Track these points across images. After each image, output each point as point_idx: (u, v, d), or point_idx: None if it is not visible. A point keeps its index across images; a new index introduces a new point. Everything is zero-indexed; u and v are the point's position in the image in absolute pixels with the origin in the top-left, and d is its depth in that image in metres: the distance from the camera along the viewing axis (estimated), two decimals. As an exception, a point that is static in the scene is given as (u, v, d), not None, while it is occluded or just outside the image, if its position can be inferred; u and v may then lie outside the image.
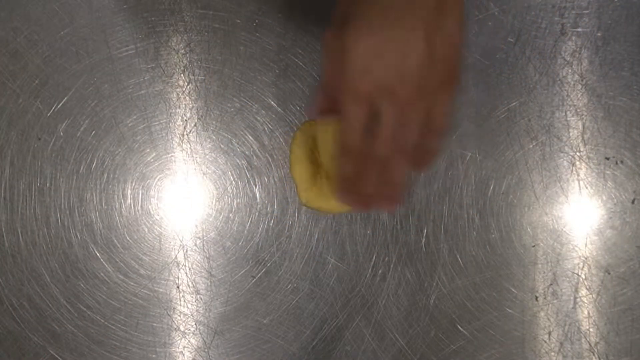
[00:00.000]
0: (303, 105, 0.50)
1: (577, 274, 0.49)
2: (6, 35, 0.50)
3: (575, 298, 0.49)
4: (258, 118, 0.50)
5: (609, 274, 0.49)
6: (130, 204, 0.50)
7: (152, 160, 0.49)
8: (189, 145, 0.50)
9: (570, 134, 0.50)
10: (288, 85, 0.50)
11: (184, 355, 0.49)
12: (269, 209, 0.50)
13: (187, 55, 0.50)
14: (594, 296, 0.49)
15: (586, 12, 0.50)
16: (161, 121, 0.50)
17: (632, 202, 0.50)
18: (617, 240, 0.49)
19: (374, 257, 0.49)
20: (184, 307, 0.49)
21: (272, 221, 0.50)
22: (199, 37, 0.50)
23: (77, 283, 0.49)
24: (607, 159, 0.50)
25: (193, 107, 0.50)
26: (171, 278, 0.49)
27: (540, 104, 0.50)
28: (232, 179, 0.50)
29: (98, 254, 0.49)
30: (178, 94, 0.50)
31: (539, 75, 0.50)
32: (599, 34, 0.50)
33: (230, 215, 0.50)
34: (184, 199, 0.50)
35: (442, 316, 0.49)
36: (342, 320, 0.49)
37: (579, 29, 0.50)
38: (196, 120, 0.50)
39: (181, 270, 0.49)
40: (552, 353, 0.49)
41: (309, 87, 0.50)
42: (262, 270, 0.49)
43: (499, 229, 0.49)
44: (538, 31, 0.50)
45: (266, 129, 0.50)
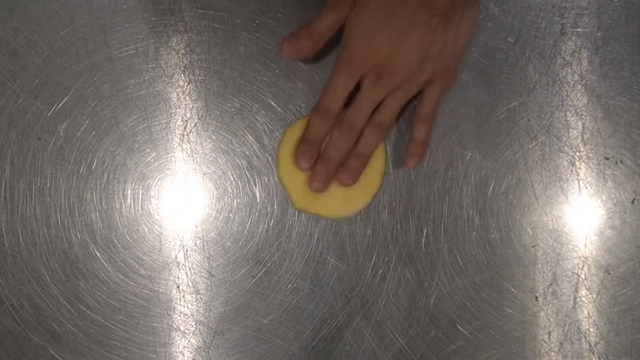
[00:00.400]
0: (303, 105, 0.50)
1: (577, 274, 0.49)
2: (6, 35, 0.50)
3: (575, 298, 0.49)
4: (258, 118, 0.50)
5: (608, 274, 0.49)
6: (131, 204, 0.50)
7: (152, 160, 0.49)
8: (189, 145, 0.50)
9: (570, 134, 0.50)
10: (288, 85, 0.50)
11: (184, 355, 0.49)
12: (269, 209, 0.50)
13: (187, 55, 0.50)
14: (594, 296, 0.49)
15: (586, 12, 0.50)
16: (161, 121, 0.50)
17: (632, 202, 0.50)
18: (617, 240, 0.50)
19: (374, 257, 0.49)
20: (184, 307, 0.49)
21: (272, 221, 0.50)
22: (199, 37, 0.50)
23: (77, 283, 0.49)
24: (607, 159, 0.50)
25: (193, 107, 0.50)
26: (171, 278, 0.49)
27: (540, 104, 0.50)
28: (232, 179, 0.50)
29: (98, 254, 0.49)
30: (178, 94, 0.50)
31: (538, 75, 0.50)
32: (599, 34, 0.50)
33: (231, 215, 0.50)
34: (184, 199, 0.50)
35: (442, 316, 0.49)
36: (342, 320, 0.49)
37: (579, 29, 0.50)
38: (196, 120, 0.50)
39: (181, 270, 0.49)
40: (552, 353, 0.49)
41: (309, 87, 0.50)
42: (262, 270, 0.49)
43: (499, 229, 0.49)
44: (538, 31, 0.50)
45: (266, 129, 0.50)
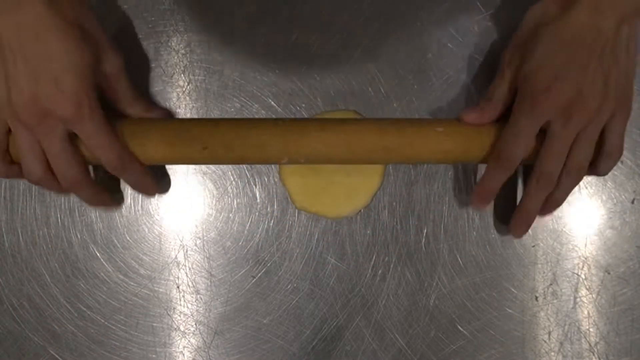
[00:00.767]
0: (303, 105, 0.50)
1: (577, 274, 0.49)
2: (6, 35, 0.50)
3: (575, 298, 0.49)
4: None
5: (608, 274, 0.49)
6: (130, 204, 0.50)
7: (152, 160, 0.49)
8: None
9: (570, 134, 0.50)
10: (288, 85, 0.50)
11: (184, 355, 0.49)
12: (269, 209, 0.50)
13: (187, 55, 0.50)
14: (594, 296, 0.49)
15: (586, 12, 0.50)
16: (161, 121, 0.50)
17: (632, 202, 0.50)
18: (617, 240, 0.49)
19: (374, 257, 0.49)
20: (184, 307, 0.49)
21: (272, 221, 0.50)
22: (199, 37, 0.50)
23: (77, 283, 0.49)
24: (607, 159, 0.50)
25: (193, 107, 0.50)
26: (171, 278, 0.49)
27: (540, 104, 0.50)
28: (232, 179, 0.50)
29: (98, 254, 0.49)
30: (178, 94, 0.50)
31: (538, 76, 0.50)
32: (598, 34, 0.50)
33: (231, 215, 0.50)
34: (184, 199, 0.50)
35: (442, 316, 0.49)
36: (342, 320, 0.49)
37: (579, 29, 0.50)
38: (196, 120, 0.50)
39: (181, 270, 0.49)
40: (552, 353, 0.49)
41: (309, 87, 0.50)
42: (262, 270, 0.49)
43: (499, 229, 0.49)
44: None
45: (266, 129, 0.50)
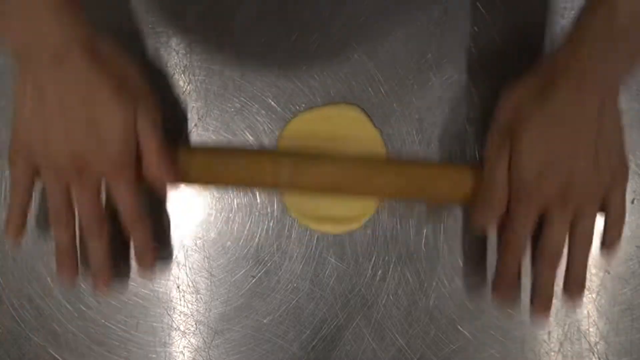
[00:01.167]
0: (303, 105, 0.50)
1: (577, 274, 0.49)
2: (6, 36, 0.50)
3: (575, 298, 0.49)
4: (258, 118, 0.50)
5: (608, 274, 0.49)
6: (131, 204, 0.49)
7: (152, 160, 0.49)
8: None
9: (570, 134, 0.50)
10: (288, 85, 0.50)
11: (184, 355, 0.49)
12: (269, 209, 0.50)
13: (187, 55, 0.50)
14: (594, 296, 0.49)
15: (586, 12, 0.50)
16: (161, 121, 0.50)
17: (632, 202, 0.50)
18: (617, 240, 0.49)
19: (374, 257, 0.49)
20: (184, 307, 0.49)
21: (272, 221, 0.50)
22: (199, 37, 0.50)
23: (77, 283, 0.49)
24: (607, 159, 0.50)
25: (193, 107, 0.50)
26: (171, 278, 0.49)
27: (540, 104, 0.50)
28: (232, 179, 0.50)
29: (98, 254, 0.49)
30: (178, 94, 0.50)
31: (538, 76, 0.50)
32: (598, 34, 0.50)
33: (231, 215, 0.50)
34: (184, 199, 0.50)
35: (442, 316, 0.49)
36: (342, 320, 0.49)
37: (579, 29, 0.50)
38: (196, 121, 0.50)
39: (181, 270, 0.49)
40: (552, 353, 0.49)
41: (309, 87, 0.50)
42: (262, 270, 0.49)
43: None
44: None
45: (266, 129, 0.50)
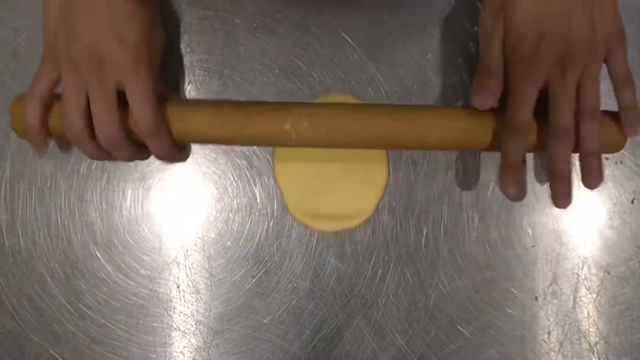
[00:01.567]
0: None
1: (577, 274, 0.49)
2: (6, 35, 0.50)
3: (574, 298, 0.49)
4: (258, 118, 0.50)
5: (608, 273, 0.49)
6: (131, 204, 0.50)
7: (152, 161, 0.49)
8: (189, 146, 0.50)
9: (570, 134, 0.50)
10: (288, 85, 0.50)
11: (184, 355, 0.49)
12: (269, 209, 0.50)
13: (187, 55, 0.50)
14: (594, 296, 0.49)
15: (586, 12, 0.50)
16: (161, 121, 0.50)
17: (632, 202, 0.50)
18: (617, 240, 0.50)
19: (374, 257, 0.49)
20: (184, 307, 0.49)
21: (272, 221, 0.50)
22: (200, 38, 0.50)
23: (77, 283, 0.49)
24: (607, 159, 0.50)
25: (193, 107, 0.50)
26: (171, 278, 0.49)
27: (540, 104, 0.50)
28: (232, 179, 0.50)
29: (98, 254, 0.49)
30: (178, 94, 0.50)
31: (538, 76, 0.50)
32: (598, 34, 0.50)
33: (231, 215, 0.50)
34: (184, 199, 0.50)
35: (442, 316, 0.49)
36: (342, 320, 0.49)
37: (579, 29, 0.50)
38: (196, 121, 0.50)
39: (181, 270, 0.49)
40: (552, 353, 0.49)
41: (309, 87, 0.50)
42: (262, 270, 0.49)
43: (499, 229, 0.49)
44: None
45: (266, 129, 0.50)
